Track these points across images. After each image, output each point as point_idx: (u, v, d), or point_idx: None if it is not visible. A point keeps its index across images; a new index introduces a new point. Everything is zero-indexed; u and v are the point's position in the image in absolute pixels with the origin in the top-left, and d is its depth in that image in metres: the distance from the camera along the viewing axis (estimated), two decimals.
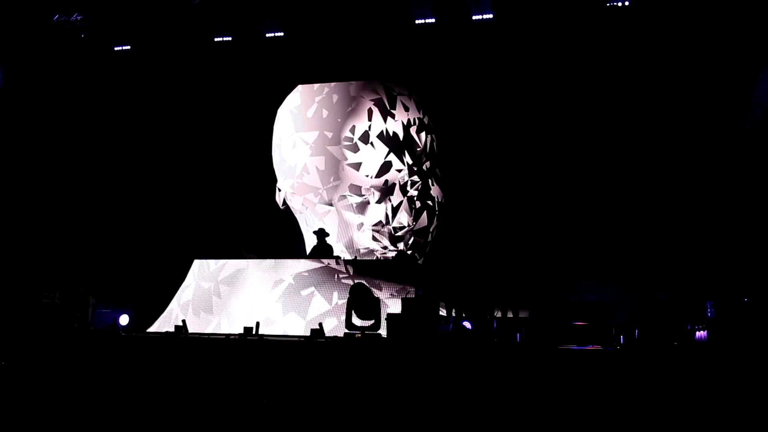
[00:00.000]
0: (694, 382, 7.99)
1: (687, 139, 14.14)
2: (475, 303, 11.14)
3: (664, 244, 13.87)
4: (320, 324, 11.46)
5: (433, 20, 15.38)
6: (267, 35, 16.50)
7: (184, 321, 12.11)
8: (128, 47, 16.94)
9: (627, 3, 14.31)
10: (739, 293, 9.93)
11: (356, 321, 10.96)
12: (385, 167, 15.04)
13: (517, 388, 7.97)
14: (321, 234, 14.29)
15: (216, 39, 16.63)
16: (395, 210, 15.08)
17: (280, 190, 15.95)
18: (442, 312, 11.80)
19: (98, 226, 17.13)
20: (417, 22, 15.56)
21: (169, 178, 17.20)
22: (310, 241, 15.40)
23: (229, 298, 13.06)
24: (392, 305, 11.76)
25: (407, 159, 15.16)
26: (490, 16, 15.25)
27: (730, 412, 6.95)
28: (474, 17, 15.33)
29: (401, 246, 15.01)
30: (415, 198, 15.29)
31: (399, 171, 15.09)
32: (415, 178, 15.24)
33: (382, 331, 10.62)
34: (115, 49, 17.01)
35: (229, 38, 16.68)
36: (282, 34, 16.39)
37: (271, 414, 4.04)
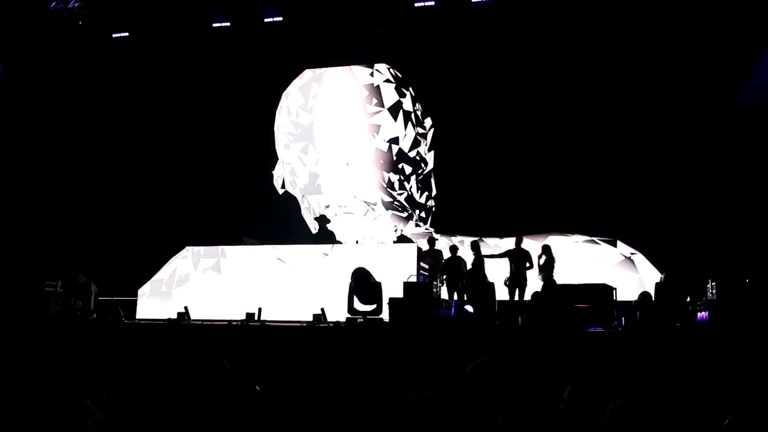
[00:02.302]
0: (696, 362, 8.01)
1: (689, 121, 14.04)
2: (477, 285, 11.16)
3: (667, 225, 13.81)
4: (322, 309, 11.47)
5: (432, 3, 15.12)
6: (266, 20, 16.34)
7: (186, 308, 12.13)
8: (126, 34, 16.82)
9: None
10: (741, 274, 9.92)
11: (358, 306, 10.94)
12: (373, 182, 15.19)
13: (521, 371, 7.99)
14: (323, 220, 14.31)
15: (214, 25, 16.51)
16: (378, 220, 15.19)
17: (278, 177, 16.07)
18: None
19: (97, 214, 17.09)
20: (416, 5, 15.25)
21: (168, 166, 17.13)
22: (313, 227, 15.49)
23: (230, 283, 13.07)
24: None
25: (396, 174, 15.26)
26: None
27: (731, 391, 6.97)
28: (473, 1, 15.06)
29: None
30: (401, 209, 15.27)
31: (385, 186, 15.16)
32: (405, 186, 15.28)
33: (384, 316, 10.62)
34: (114, 36, 16.89)
35: (228, 24, 16.57)
36: (281, 19, 16.23)
37: (273, 400, 4.04)
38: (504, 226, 13.97)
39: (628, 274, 13.13)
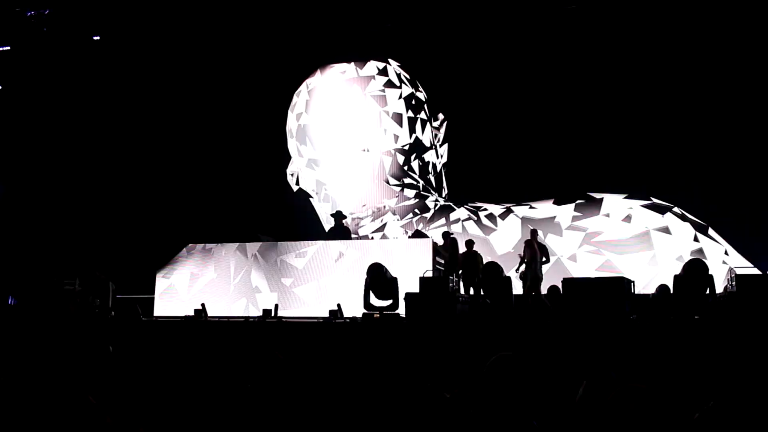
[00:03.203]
0: (714, 353, 7.93)
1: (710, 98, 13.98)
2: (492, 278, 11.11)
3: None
4: (338, 305, 11.47)
5: None
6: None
7: (203, 305, 12.16)
8: (136, 28, 16.89)
9: None
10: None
11: (374, 301, 10.92)
12: (376, 194, 15.27)
13: (536, 365, 7.95)
14: (338, 216, 14.31)
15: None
16: (383, 226, 15.28)
17: (292, 174, 16.14)
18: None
19: (112, 213, 17.18)
20: None
21: (185, 165, 17.17)
22: (328, 223, 15.52)
23: (247, 279, 13.11)
24: None
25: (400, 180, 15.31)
26: None
27: (749, 382, 6.90)
28: None
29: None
30: (408, 212, 15.31)
31: (399, 181, 15.22)
32: (409, 193, 15.31)
33: (401, 311, 10.60)
34: (124, 31, 16.93)
35: (241, 21, 16.58)
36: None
37: (290, 395, 4.04)
38: (524, 193, 14.21)
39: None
